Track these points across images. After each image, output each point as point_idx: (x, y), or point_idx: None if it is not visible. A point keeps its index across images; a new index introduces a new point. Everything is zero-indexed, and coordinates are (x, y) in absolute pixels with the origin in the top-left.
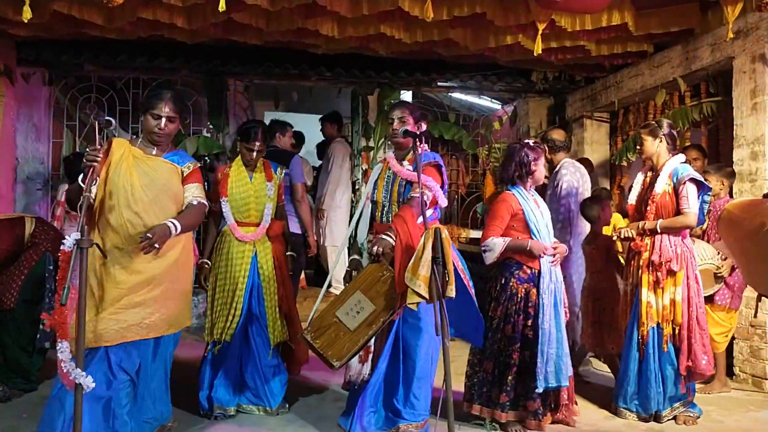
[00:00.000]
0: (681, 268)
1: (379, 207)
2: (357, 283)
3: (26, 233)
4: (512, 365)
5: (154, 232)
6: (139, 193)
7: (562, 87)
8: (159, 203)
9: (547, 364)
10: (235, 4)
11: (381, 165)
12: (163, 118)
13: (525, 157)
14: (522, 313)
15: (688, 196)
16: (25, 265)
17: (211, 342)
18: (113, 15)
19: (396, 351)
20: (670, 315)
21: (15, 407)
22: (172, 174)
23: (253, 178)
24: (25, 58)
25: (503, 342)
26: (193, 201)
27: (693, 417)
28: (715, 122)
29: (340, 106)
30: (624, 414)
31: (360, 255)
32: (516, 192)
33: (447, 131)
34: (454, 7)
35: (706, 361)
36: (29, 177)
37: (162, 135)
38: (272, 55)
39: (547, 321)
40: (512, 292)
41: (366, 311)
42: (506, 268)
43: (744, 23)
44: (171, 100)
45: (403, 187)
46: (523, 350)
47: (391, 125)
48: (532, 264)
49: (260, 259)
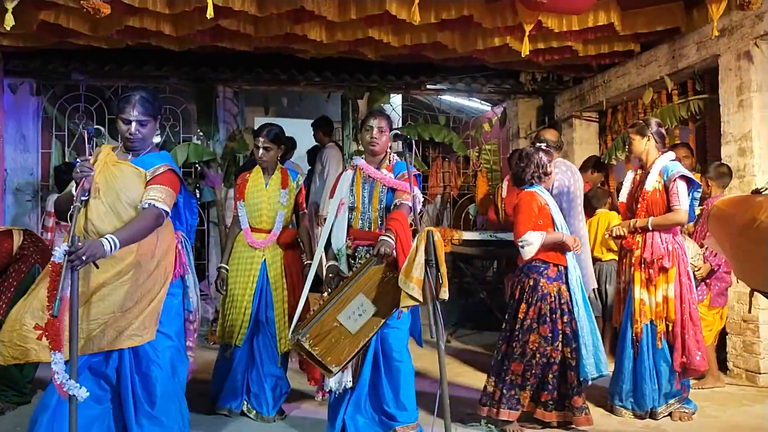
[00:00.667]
0: (673, 265)
1: (357, 213)
2: (359, 286)
3: (14, 246)
4: (553, 363)
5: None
6: (96, 201)
7: (550, 87)
8: (115, 211)
9: (589, 357)
10: (223, 11)
11: (352, 171)
12: (133, 123)
13: (541, 159)
14: (558, 311)
15: (678, 193)
16: (14, 278)
17: (222, 345)
18: (99, 24)
19: (377, 355)
20: (663, 312)
21: (8, 420)
22: (133, 179)
23: (268, 184)
24: (12, 69)
25: (539, 342)
26: (144, 204)
27: (688, 413)
28: (702, 119)
29: (330, 111)
30: (620, 412)
31: (336, 260)
32: (537, 190)
33: (437, 134)
34: (441, 10)
35: (700, 357)
36: (18, 188)
37: (134, 140)
38: (261, 60)
39: (582, 315)
40: (544, 292)
41: (368, 314)
42: (533, 269)
43: (728, 21)
44: (140, 102)
45: (383, 194)
46: (564, 347)
47: (369, 132)
48: (559, 261)
49: (269, 266)
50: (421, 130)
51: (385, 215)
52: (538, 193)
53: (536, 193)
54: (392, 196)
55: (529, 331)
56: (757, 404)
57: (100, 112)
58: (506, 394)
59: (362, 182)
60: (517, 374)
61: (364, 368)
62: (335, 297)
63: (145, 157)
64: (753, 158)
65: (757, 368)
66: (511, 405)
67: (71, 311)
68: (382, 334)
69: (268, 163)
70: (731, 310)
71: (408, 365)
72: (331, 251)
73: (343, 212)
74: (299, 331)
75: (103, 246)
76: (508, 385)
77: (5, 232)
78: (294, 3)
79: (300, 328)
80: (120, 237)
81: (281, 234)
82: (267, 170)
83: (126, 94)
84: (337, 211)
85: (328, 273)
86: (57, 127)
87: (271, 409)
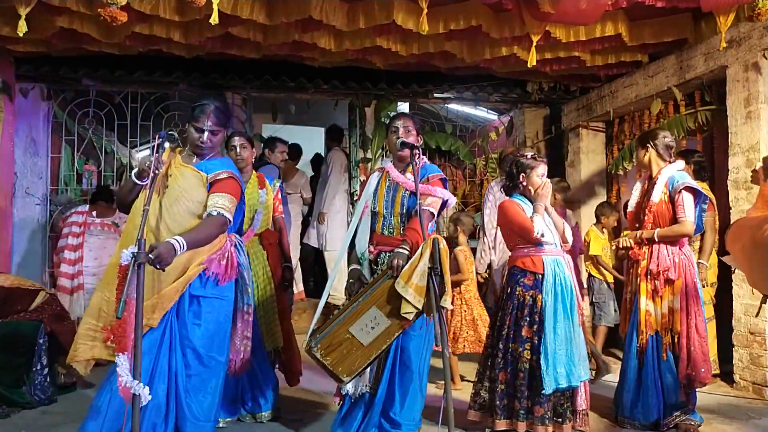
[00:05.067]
0: (679, 276)
1: (379, 217)
2: (373, 299)
3: (34, 304)
4: (521, 371)
5: (157, 252)
6: (156, 205)
7: (557, 97)
8: (171, 214)
9: (557, 366)
10: (232, 19)
11: (379, 174)
12: (206, 132)
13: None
14: (529, 317)
15: (684, 204)
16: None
17: None
18: (112, 30)
19: (394, 362)
20: (669, 323)
21: (14, 422)
22: (194, 183)
23: (246, 187)
24: (23, 74)
25: (514, 350)
26: (212, 212)
27: (694, 425)
28: (710, 131)
29: (338, 119)
30: (625, 423)
31: (359, 264)
32: (516, 199)
33: (444, 142)
34: (449, 20)
35: (706, 369)
36: (28, 192)
37: (204, 148)
38: (270, 68)
39: (551, 323)
40: (519, 301)
41: (381, 326)
42: (512, 276)
43: (736, 32)
44: (215, 112)
45: (406, 198)
46: (532, 355)
47: (395, 134)
48: (536, 269)
49: (254, 266)
50: (427, 138)
51: (407, 221)
52: (512, 200)
53: (510, 200)
54: (415, 201)
55: (507, 339)
56: (764, 417)
57: (110, 117)
58: (499, 404)
59: (386, 186)
60: (503, 382)
61: (384, 373)
62: (349, 308)
63: (208, 162)
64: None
65: (764, 381)
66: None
67: (136, 314)
68: (402, 341)
69: (246, 162)
70: (738, 322)
71: (420, 375)
72: (354, 255)
73: (366, 216)
74: (316, 336)
75: (175, 249)
76: (500, 395)
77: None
78: (303, 12)
79: (317, 333)
80: (187, 240)
81: (263, 235)
82: (244, 174)
83: (201, 102)
84: (361, 215)
85: (349, 277)
86: (67, 132)
87: (264, 407)
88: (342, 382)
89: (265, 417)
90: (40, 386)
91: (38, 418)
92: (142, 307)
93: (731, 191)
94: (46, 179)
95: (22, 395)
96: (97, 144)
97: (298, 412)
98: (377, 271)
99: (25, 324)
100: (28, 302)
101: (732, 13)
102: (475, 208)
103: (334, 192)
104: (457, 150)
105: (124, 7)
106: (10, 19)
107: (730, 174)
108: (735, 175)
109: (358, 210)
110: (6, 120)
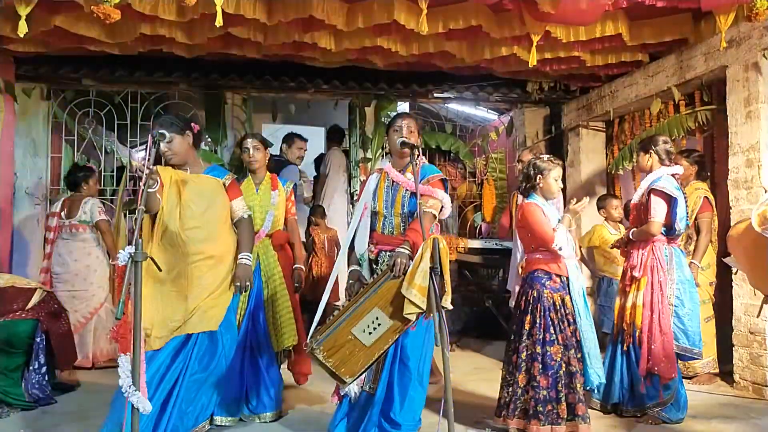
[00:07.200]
0: (644, 274)
1: (379, 217)
2: (375, 300)
3: (31, 303)
4: (561, 372)
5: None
6: (176, 211)
7: (557, 97)
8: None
9: (594, 363)
10: (233, 19)
11: (377, 175)
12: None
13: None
14: (563, 319)
15: (652, 206)
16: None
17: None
18: (114, 30)
19: (393, 362)
20: (631, 318)
21: (14, 422)
22: (217, 187)
23: (259, 189)
24: (23, 74)
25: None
26: (243, 215)
27: (661, 418)
28: (710, 130)
29: (338, 118)
30: (592, 401)
31: (359, 265)
32: (534, 200)
33: (444, 142)
34: (449, 20)
35: (664, 365)
36: (27, 191)
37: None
38: (270, 68)
39: (585, 325)
40: (550, 302)
41: (383, 327)
42: (536, 280)
43: (736, 32)
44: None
45: (406, 198)
46: (569, 357)
47: (397, 133)
48: (560, 272)
49: (264, 267)
50: (427, 138)
51: (408, 220)
52: (535, 203)
53: (534, 203)
54: (415, 201)
55: (536, 342)
56: (764, 417)
57: (110, 117)
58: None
59: (386, 186)
60: (520, 385)
61: (383, 373)
62: (350, 309)
63: (209, 171)
64: (760, 169)
65: (764, 381)
66: (519, 414)
67: (135, 314)
68: (401, 341)
69: (259, 164)
70: (738, 322)
71: (420, 374)
72: (354, 256)
73: (366, 216)
74: (317, 338)
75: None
76: (517, 397)
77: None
78: (303, 11)
79: (318, 334)
80: (247, 250)
81: (274, 236)
82: (257, 176)
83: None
84: (360, 216)
85: (349, 278)
86: (67, 132)
87: (269, 408)
88: (344, 383)
89: (268, 417)
90: (38, 385)
91: (38, 417)
92: (141, 307)
93: (731, 191)
94: (46, 179)
95: (20, 395)
96: (97, 144)
97: (298, 411)
98: (377, 270)
99: (21, 323)
100: (24, 301)
101: (732, 12)
102: (475, 208)
103: (332, 191)
104: (457, 150)
105: (125, 7)
106: (10, 18)
107: (730, 174)
108: (735, 175)
109: (357, 211)
110: (6, 120)
